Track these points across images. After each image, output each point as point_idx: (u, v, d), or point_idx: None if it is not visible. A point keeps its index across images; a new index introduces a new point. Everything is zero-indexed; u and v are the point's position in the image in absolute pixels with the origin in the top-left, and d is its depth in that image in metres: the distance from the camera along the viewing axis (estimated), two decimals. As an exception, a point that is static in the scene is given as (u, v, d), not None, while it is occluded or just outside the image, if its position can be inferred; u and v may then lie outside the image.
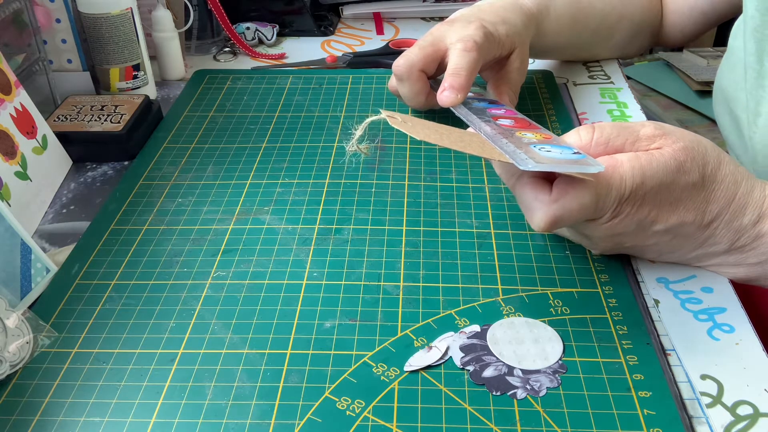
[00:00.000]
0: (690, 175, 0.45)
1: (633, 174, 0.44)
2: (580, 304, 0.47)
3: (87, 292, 0.50)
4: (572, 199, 0.43)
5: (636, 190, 0.44)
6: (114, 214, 0.58)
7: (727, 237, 0.46)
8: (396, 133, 0.68)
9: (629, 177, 0.44)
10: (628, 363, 0.43)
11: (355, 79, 0.79)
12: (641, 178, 0.44)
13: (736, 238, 0.46)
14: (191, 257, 0.53)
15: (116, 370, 0.44)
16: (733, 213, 0.46)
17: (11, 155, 0.57)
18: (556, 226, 0.44)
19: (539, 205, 0.44)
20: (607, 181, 0.44)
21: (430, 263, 0.51)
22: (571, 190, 0.43)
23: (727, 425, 0.40)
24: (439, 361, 0.43)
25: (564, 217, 0.44)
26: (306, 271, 0.51)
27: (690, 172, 0.45)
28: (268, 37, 0.90)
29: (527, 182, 0.46)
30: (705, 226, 0.46)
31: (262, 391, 0.42)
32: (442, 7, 0.98)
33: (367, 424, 0.40)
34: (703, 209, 0.45)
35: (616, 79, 0.80)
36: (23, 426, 0.40)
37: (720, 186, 0.45)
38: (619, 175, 0.44)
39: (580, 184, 0.43)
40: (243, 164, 0.64)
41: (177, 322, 0.47)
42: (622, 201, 0.44)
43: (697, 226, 0.46)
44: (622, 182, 0.44)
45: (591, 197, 0.43)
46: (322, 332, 0.46)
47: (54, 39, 0.73)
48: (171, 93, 0.79)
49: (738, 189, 0.45)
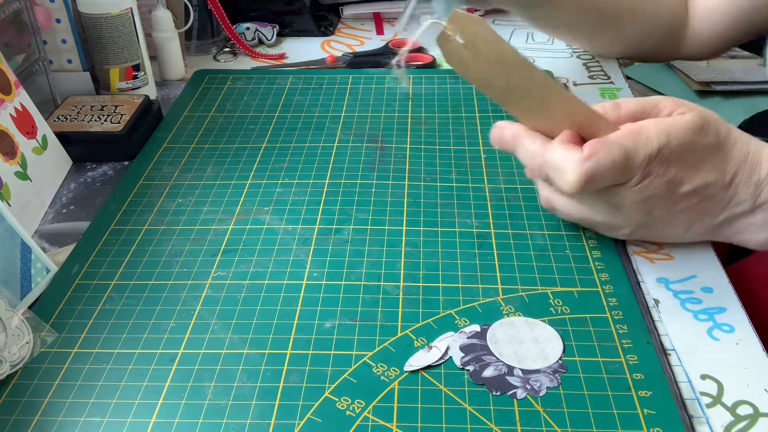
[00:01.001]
0: (708, 136, 0.47)
1: (658, 133, 0.46)
2: (580, 304, 0.47)
3: (87, 292, 0.50)
4: (604, 156, 0.45)
5: (663, 149, 0.45)
6: (114, 214, 0.58)
7: (749, 192, 0.48)
8: (396, 133, 0.68)
9: (655, 136, 0.45)
10: (629, 362, 0.43)
11: (355, 79, 0.79)
12: (666, 137, 0.45)
13: (757, 192, 0.48)
14: (191, 257, 0.53)
15: (116, 370, 0.44)
16: (750, 168, 0.47)
17: (11, 155, 0.57)
18: (589, 183, 0.45)
19: (572, 165, 0.45)
20: (635, 140, 0.45)
21: (430, 263, 0.51)
22: (603, 148, 0.45)
23: (727, 425, 0.40)
24: (439, 361, 0.43)
25: (597, 173, 0.45)
26: (306, 271, 0.51)
27: (708, 134, 0.47)
28: (268, 37, 0.90)
29: (558, 146, 0.47)
30: (727, 185, 0.47)
31: (262, 391, 0.42)
32: (442, 7, 0.98)
33: (367, 424, 0.40)
34: (723, 168, 0.47)
35: (616, 79, 0.80)
36: (23, 426, 0.40)
37: (734, 146, 0.48)
38: (645, 135, 0.46)
39: (610, 143, 0.45)
40: (243, 164, 0.64)
41: (177, 322, 0.47)
42: (651, 160, 0.45)
43: (720, 185, 0.47)
44: (648, 141, 0.45)
45: (622, 154, 0.45)
46: (322, 332, 0.46)
47: (54, 39, 0.73)
48: (171, 93, 0.79)
49: (750, 147, 0.48)
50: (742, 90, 1.25)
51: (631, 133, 0.46)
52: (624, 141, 0.46)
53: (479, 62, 0.46)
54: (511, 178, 0.61)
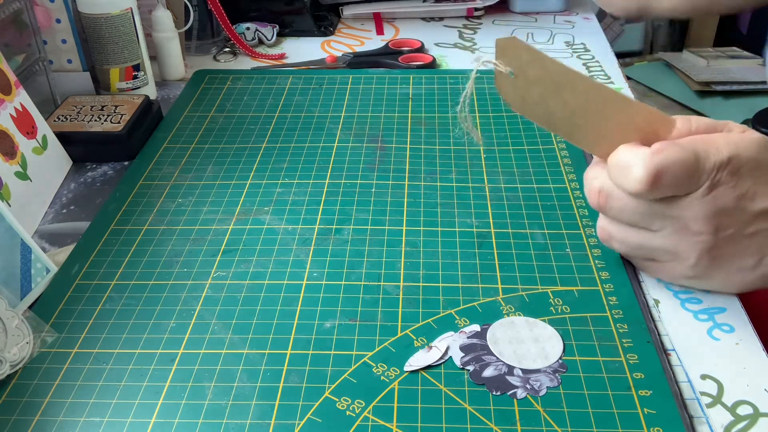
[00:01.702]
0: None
1: (728, 144, 0.43)
2: (580, 303, 0.47)
3: (87, 292, 0.50)
4: (674, 152, 0.43)
5: (733, 159, 0.43)
6: (114, 214, 0.58)
7: None
8: (396, 133, 0.68)
9: (725, 146, 0.43)
10: (629, 362, 0.43)
11: (355, 79, 0.79)
12: (736, 149, 0.43)
13: None
14: (191, 257, 0.53)
15: (116, 370, 0.44)
16: None
17: (11, 155, 0.57)
18: (658, 179, 0.42)
19: (639, 160, 0.43)
20: (705, 146, 0.43)
21: (430, 263, 0.51)
22: (673, 145, 0.43)
23: (727, 425, 0.40)
24: (439, 360, 0.43)
25: (667, 169, 0.42)
26: (306, 271, 0.51)
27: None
28: (268, 37, 0.90)
29: (622, 148, 0.45)
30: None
31: (262, 391, 0.42)
32: (442, 7, 0.98)
33: (367, 424, 0.40)
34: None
35: (616, 79, 0.80)
36: (23, 426, 0.40)
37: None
38: (715, 144, 0.43)
39: (680, 144, 0.43)
40: (243, 164, 0.64)
41: (177, 322, 0.47)
42: (722, 168, 0.43)
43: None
44: (719, 150, 0.43)
45: (692, 155, 0.43)
46: (322, 332, 0.46)
47: (54, 39, 0.73)
48: (171, 93, 0.79)
49: None
50: (742, 90, 1.25)
51: (700, 140, 0.44)
52: (694, 145, 0.43)
53: (533, 91, 0.45)
54: (511, 178, 0.61)
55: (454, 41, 0.91)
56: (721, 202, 0.44)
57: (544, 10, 1.00)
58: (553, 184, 0.60)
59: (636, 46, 1.78)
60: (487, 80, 0.78)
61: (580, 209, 0.56)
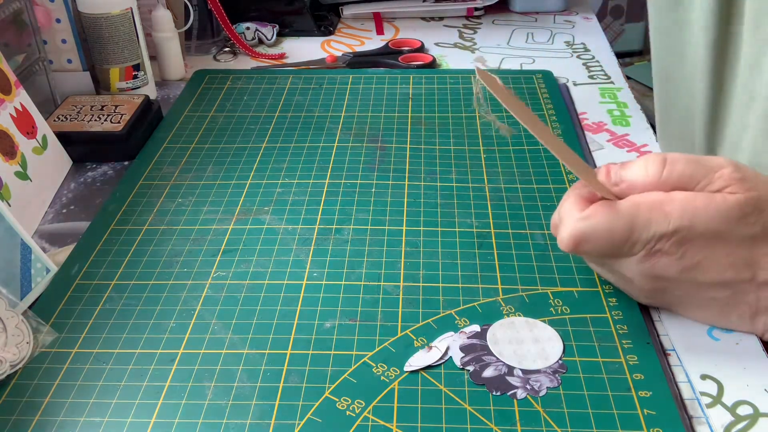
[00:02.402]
0: (751, 227, 0.40)
1: (682, 215, 0.40)
2: (580, 304, 0.47)
3: (87, 292, 0.50)
4: (604, 221, 0.41)
5: (680, 231, 0.40)
6: (114, 214, 0.58)
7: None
8: (396, 133, 0.68)
9: (676, 217, 0.40)
10: (629, 363, 0.43)
11: (355, 79, 0.79)
12: (690, 221, 0.40)
13: None
14: (191, 257, 0.53)
15: (116, 370, 0.44)
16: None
17: (11, 155, 0.57)
18: (579, 244, 0.42)
19: (569, 219, 0.42)
20: (649, 213, 0.40)
21: (430, 263, 0.51)
22: (606, 212, 0.41)
23: (727, 425, 0.40)
24: (439, 361, 0.43)
25: (589, 236, 0.41)
26: (306, 271, 0.51)
27: (752, 224, 0.40)
28: (268, 37, 0.90)
29: (571, 197, 0.44)
30: (759, 285, 0.41)
31: (262, 391, 0.42)
32: (442, 7, 0.98)
33: (367, 424, 0.40)
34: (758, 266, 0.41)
35: (616, 79, 0.80)
36: (23, 426, 0.40)
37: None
38: (664, 212, 0.40)
39: (617, 209, 0.41)
40: (243, 164, 0.64)
41: (177, 322, 0.47)
42: (663, 239, 0.40)
43: (754, 284, 0.42)
44: (666, 220, 0.40)
45: (624, 225, 0.41)
46: (322, 332, 0.46)
47: (54, 39, 0.73)
48: (171, 93, 0.79)
49: None
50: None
51: (650, 203, 0.41)
52: (637, 211, 0.41)
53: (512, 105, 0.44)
54: (511, 178, 0.61)
55: (454, 41, 0.91)
56: (662, 271, 0.42)
57: (544, 10, 1.00)
58: (553, 184, 0.60)
59: (636, 46, 1.78)
60: (487, 80, 0.78)
61: (580, 209, 0.56)
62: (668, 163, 0.42)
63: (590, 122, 0.71)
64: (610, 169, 0.44)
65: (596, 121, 0.71)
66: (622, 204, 0.42)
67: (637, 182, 0.42)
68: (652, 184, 0.42)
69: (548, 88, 0.76)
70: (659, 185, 0.42)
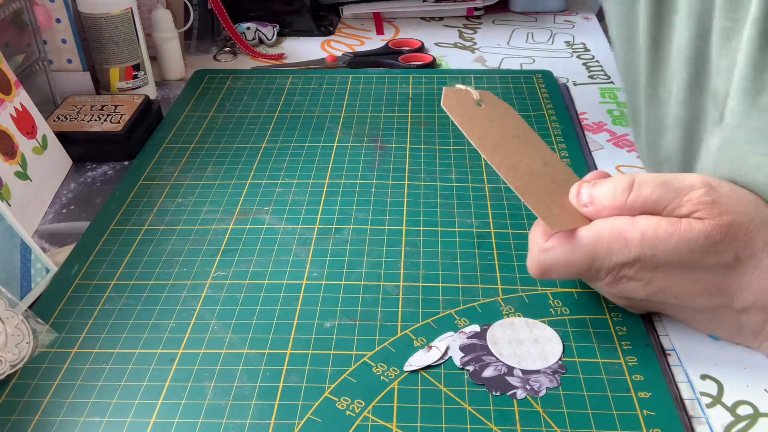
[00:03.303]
0: (721, 255, 0.38)
1: (642, 244, 0.39)
2: (579, 305, 0.47)
3: (87, 292, 0.50)
4: (564, 253, 0.41)
5: (641, 259, 0.39)
6: (114, 214, 0.58)
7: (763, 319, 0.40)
8: (396, 133, 0.68)
9: (637, 245, 0.39)
10: (628, 364, 0.43)
11: (355, 79, 0.79)
12: (652, 250, 0.39)
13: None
14: (191, 257, 0.53)
15: (116, 370, 0.44)
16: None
17: (11, 155, 0.57)
18: (543, 275, 0.43)
19: (534, 248, 0.43)
20: (609, 244, 0.40)
21: (429, 263, 0.51)
22: (566, 244, 0.41)
23: (727, 425, 0.40)
24: (438, 361, 0.43)
25: (551, 268, 0.42)
26: (306, 271, 0.51)
27: (722, 253, 0.38)
28: (268, 37, 0.90)
29: (539, 224, 0.43)
30: (739, 311, 0.41)
31: (261, 391, 0.42)
32: (442, 7, 0.98)
33: (366, 424, 0.40)
34: (733, 292, 0.40)
35: (616, 79, 0.80)
36: (23, 426, 0.40)
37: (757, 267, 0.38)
38: (625, 241, 0.39)
39: (577, 241, 0.41)
40: (243, 164, 0.64)
41: (177, 322, 0.47)
42: (625, 267, 0.40)
43: (730, 309, 0.41)
44: (625, 249, 0.39)
45: (585, 256, 0.40)
46: (322, 332, 0.46)
47: (54, 39, 0.73)
48: (171, 93, 0.79)
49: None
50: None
51: (611, 232, 0.40)
52: (597, 241, 0.40)
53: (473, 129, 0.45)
54: (511, 178, 0.61)
55: (454, 41, 0.91)
56: (631, 293, 0.42)
57: (544, 10, 1.00)
58: (553, 184, 0.60)
59: (636, 46, 1.78)
60: (487, 80, 0.78)
61: (580, 209, 0.56)
62: (635, 187, 0.41)
63: (590, 122, 0.71)
64: (581, 190, 0.43)
65: (596, 121, 0.71)
66: (584, 234, 0.41)
67: (605, 206, 0.41)
68: (619, 208, 0.41)
69: (548, 88, 0.76)
70: (626, 209, 0.41)
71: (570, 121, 0.69)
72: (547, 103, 0.73)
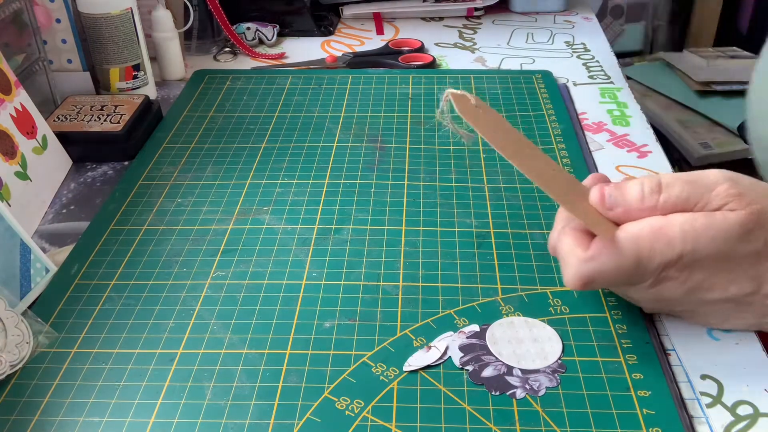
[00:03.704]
0: (754, 243, 0.40)
1: (684, 239, 0.39)
2: (579, 303, 0.47)
3: (86, 292, 0.50)
4: (609, 260, 0.40)
5: (685, 256, 0.40)
6: (113, 214, 0.58)
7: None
8: (396, 133, 0.68)
9: (679, 242, 0.39)
10: (628, 362, 0.43)
11: (354, 79, 0.79)
12: (693, 244, 0.39)
13: None
14: (190, 257, 0.53)
15: (115, 370, 0.44)
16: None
17: (11, 155, 0.57)
18: (588, 286, 0.41)
19: (573, 260, 0.41)
20: (652, 243, 0.40)
21: (429, 263, 0.51)
22: (609, 250, 0.40)
23: (727, 425, 0.39)
24: (438, 360, 0.43)
25: (597, 278, 0.41)
26: (305, 271, 0.51)
27: (755, 240, 0.39)
28: (268, 37, 0.90)
29: (569, 232, 0.42)
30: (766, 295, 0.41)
31: (261, 391, 0.42)
32: (442, 7, 0.98)
33: (366, 424, 0.40)
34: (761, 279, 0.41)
35: (616, 79, 0.80)
36: (22, 426, 0.40)
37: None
38: (667, 239, 0.39)
39: (620, 247, 0.40)
40: (242, 164, 0.64)
41: (176, 322, 0.47)
42: (668, 267, 0.40)
43: (761, 294, 0.41)
44: (669, 247, 0.39)
45: (631, 260, 0.40)
46: (322, 332, 0.46)
47: (54, 39, 0.73)
48: (171, 93, 0.79)
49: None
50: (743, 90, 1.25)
51: (651, 233, 0.40)
52: (639, 243, 0.40)
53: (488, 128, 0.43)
54: (510, 177, 0.61)
55: (454, 41, 0.91)
56: (669, 294, 0.42)
57: (544, 10, 1.00)
58: (553, 184, 0.60)
59: (636, 46, 1.78)
60: (487, 80, 0.78)
61: (580, 209, 0.56)
62: (664, 187, 0.41)
63: (590, 122, 0.70)
64: (605, 194, 0.42)
65: (596, 121, 0.71)
66: (623, 238, 0.40)
67: (633, 208, 0.41)
68: (650, 209, 0.41)
69: (548, 88, 0.76)
70: (657, 210, 0.41)
71: (570, 121, 0.69)
72: (546, 103, 0.73)
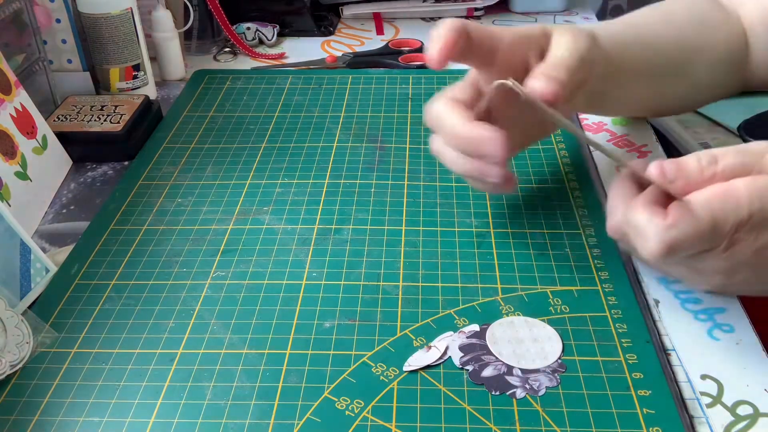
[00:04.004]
0: None
1: (751, 198, 0.40)
2: (579, 303, 0.47)
3: (86, 292, 0.50)
4: (689, 226, 0.40)
5: (754, 215, 0.40)
6: (113, 214, 0.58)
7: None
8: (396, 133, 0.68)
9: (747, 202, 0.40)
10: (628, 361, 0.43)
11: (354, 79, 0.79)
12: (760, 202, 0.40)
13: None
14: (190, 257, 0.53)
15: (115, 370, 0.44)
16: None
17: (11, 155, 0.57)
18: (672, 253, 0.41)
19: (654, 229, 0.41)
20: (723, 205, 0.40)
21: (429, 263, 0.51)
22: (689, 215, 0.40)
23: (727, 425, 0.39)
24: (438, 360, 0.43)
25: (681, 243, 0.40)
26: (305, 271, 0.51)
27: None
28: (268, 37, 0.90)
29: (641, 204, 0.42)
30: None
31: (261, 391, 0.42)
32: (442, 7, 0.98)
33: (366, 424, 0.40)
34: None
35: (616, 78, 0.80)
36: (22, 426, 0.40)
37: None
38: (735, 200, 0.40)
39: (696, 211, 0.41)
40: (242, 164, 0.64)
41: (176, 322, 0.47)
42: (741, 227, 0.40)
43: None
44: (738, 207, 0.40)
45: (708, 224, 0.40)
46: (322, 332, 0.46)
47: (54, 39, 0.73)
48: (171, 93, 0.79)
49: None
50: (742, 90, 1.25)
51: (719, 195, 0.41)
52: (712, 206, 0.40)
53: None
54: (510, 177, 0.61)
55: (454, 41, 0.91)
56: (739, 257, 0.42)
57: (544, 10, 1.00)
58: (553, 184, 0.60)
59: (636, 45, 1.78)
60: (487, 80, 0.78)
61: (579, 209, 0.56)
62: (720, 158, 0.42)
63: (590, 122, 0.70)
64: (665, 168, 0.43)
65: (596, 121, 0.71)
66: (696, 204, 0.41)
67: (693, 179, 0.42)
68: (709, 180, 0.42)
69: (548, 87, 0.76)
70: (715, 179, 0.42)
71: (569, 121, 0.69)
72: (547, 103, 0.72)
